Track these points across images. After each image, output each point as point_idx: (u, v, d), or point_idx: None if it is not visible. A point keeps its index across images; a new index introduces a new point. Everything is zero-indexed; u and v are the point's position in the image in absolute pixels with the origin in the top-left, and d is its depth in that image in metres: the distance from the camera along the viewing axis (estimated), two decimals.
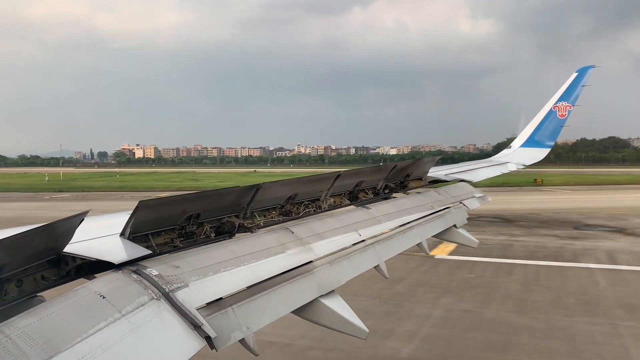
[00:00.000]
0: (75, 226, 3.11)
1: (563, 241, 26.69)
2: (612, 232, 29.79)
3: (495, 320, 14.53)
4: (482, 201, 9.57)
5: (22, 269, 3.01)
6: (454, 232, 7.67)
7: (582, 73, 17.06)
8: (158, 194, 50.14)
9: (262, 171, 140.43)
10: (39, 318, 2.42)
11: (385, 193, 7.39)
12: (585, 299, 16.38)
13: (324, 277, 4.35)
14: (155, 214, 3.74)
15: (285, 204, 5.31)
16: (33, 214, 40.52)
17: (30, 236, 2.76)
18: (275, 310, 3.75)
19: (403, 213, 6.60)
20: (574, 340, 12.98)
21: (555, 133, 17.01)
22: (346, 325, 4.15)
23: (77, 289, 2.79)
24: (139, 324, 2.72)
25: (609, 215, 36.27)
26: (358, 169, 6.79)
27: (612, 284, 18.32)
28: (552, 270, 20.45)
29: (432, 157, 9.01)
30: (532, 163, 16.31)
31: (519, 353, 12.26)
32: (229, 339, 3.25)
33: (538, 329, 13.74)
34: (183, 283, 3.22)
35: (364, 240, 5.34)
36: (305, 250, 4.48)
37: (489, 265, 21.16)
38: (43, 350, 2.26)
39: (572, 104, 16.80)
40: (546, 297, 16.60)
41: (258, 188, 4.51)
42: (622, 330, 13.59)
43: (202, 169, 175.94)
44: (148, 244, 3.68)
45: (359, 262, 5.01)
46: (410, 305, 15.98)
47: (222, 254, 3.80)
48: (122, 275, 3.08)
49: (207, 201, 4.13)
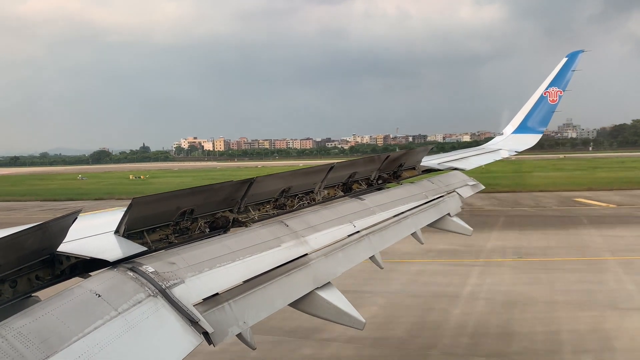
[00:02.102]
0: (69, 225, 3.09)
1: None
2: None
3: None
4: (476, 189, 9.59)
5: (16, 269, 2.99)
6: (449, 221, 7.70)
7: (573, 58, 17.04)
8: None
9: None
10: (35, 318, 2.41)
11: (378, 184, 7.39)
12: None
13: (319, 270, 4.36)
14: (150, 210, 3.72)
15: (279, 198, 5.30)
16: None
17: (23, 236, 2.74)
18: (272, 304, 3.76)
19: (397, 203, 6.61)
20: None
21: (547, 119, 17.02)
22: (343, 316, 4.17)
23: (72, 288, 2.78)
24: (136, 322, 2.72)
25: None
26: (351, 160, 6.78)
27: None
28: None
29: (424, 147, 9.01)
30: (524, 149, 16.34)
31: None
32: (226, 334, 3.26)
33: None
34: (179, 279, 3.22)
35: (359, 231, 5.35)
36: (300, 243, 4.49)
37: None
38: (40, 350, 2.25)
39: (562, 89, 16.80)
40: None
41: (251, 182, 4.50)
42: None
43: (291, 161, 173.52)
44: (143, 241, 3.67)
45: (354, 254, 5.02)
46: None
47: (218, 249, 3.80)
48: (118, 272, 3.07)
49: (201, 196, 4.12)
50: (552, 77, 17.12)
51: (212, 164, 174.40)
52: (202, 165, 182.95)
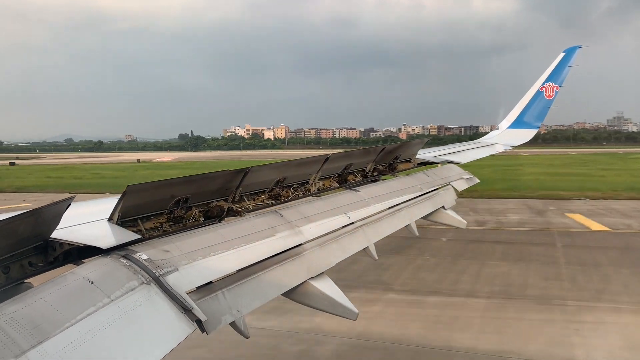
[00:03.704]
0: (62, 212, 3.08)
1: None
2: None
3: None
4: (470, 182, 9.64)
5: (8, 255, 2.98)
6: (443, 214, 7.73)
7: (570, 53, 17.07)
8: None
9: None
10: (27, 304, 2.41)
11: (374, 175, 7.40)
12: None
13: (313, 260, 4.37)
14: (144, 198, 3.71)
15: (274, 188, 5.30)
16: None
17: (16, 222, 2.72)
18: (265, 293, 3.77)
19: (392, 195, 6.62)
20: None
21: (543, 114, 17.08)
22: (336, 306, 4.19)
23: (65, 275, 2.77)
24: (128, 309, 2.72)
25: None
26: (347, 152, 6.79)
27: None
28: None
29: (420, 139, 9.04)
30: (520, 144, 16.41)
31: None
32: (219, 322, 3.26)
33: None
34: (173, 267, 3.22)
35: (353, 222, 5.36)
36: (294, 234, 4.49)
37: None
38: (32, 336, 2.25)
39: (559, 85, 16.86)
40: None
41: (246, 172, 4.49)
42: None
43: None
44: (137, 229, 3.67)
45: (348, 244, 5.03)
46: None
47: (212, 237, 3.80)
48: (111, 260, 3.07)
49: (196, 185, 4.11)
50: (548, 73, 17.15)
51: (290, 152, 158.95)
52: (283, 153, 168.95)
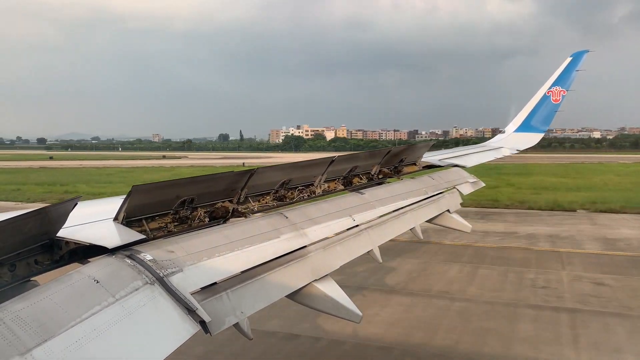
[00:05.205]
0: (69, 211, 3.10)
1: None
2: None
3: None
4: (476, 186, 9.61)
5: (15, 253, 3.00)
6: (448, 217, 7.71)
7: (577, 58, 16.97)
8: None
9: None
10: (33, 302, 2.42)
11: (379, 178, 7.39)
12: None
13: (317, 262, 4.37)
14: (149, 198, 3.72)
15: (279, 189, 5.30)
16: None
17: (23, 220, 2.74)
18: (269, 295, 3.77)
19: (397, 198, 6.61)
20: None
21: (549, 118, 16.99)
22: (340, 309, 4.18)
23: (71, 274, 2.79)
24: (133, 309, 2.73)
25: None
26: (352, 154, 6.78)
27: None
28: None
29: (425, 143, 9.01)
30: (525, 148, 16.33)
31: None
32: (223, 324, 3.27)
33: None
34: (177, 268, 3.23)
35: (358, 225, 5.35)
36: (299, 235, 4.49)
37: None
38: (37, 334, 2.26)
39: (566, 89, 16.76)
40: None
41: (252, 173, 4.50)
42: None
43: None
44: (142, 229, 3.68)
45: (353, 247, 5.03)
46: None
47: (217, 238, 3.81)
48: (116, 259, 3.08)
49: (201, 186, 4.12)
50: (555, 77, 17.05)
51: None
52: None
